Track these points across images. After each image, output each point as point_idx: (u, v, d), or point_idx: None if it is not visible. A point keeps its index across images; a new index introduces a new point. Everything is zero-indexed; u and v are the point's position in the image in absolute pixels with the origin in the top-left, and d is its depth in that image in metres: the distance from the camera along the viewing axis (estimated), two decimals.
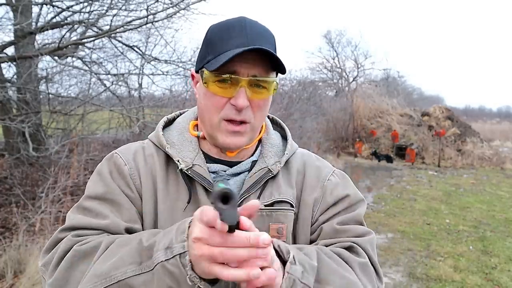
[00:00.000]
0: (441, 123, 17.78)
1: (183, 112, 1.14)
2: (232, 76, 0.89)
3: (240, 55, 0.86)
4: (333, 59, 29.34)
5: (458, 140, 16.67)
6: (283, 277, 0.74)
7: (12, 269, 3.87)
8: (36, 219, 4.70)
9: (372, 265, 0.95)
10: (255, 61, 0.89)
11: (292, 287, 0.75)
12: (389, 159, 15.43)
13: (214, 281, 0.72)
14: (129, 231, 0.91)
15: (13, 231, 4.90)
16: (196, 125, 1.06)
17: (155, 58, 7.57)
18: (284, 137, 1.12)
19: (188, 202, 0.94)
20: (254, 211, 0.68)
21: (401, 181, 11.62)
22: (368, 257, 0.95)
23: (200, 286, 0.71)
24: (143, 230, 0.94)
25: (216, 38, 0.93)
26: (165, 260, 0.72)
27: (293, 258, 0.78)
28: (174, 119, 1.12)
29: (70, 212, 0.96)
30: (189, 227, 0.72)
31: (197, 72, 1.00)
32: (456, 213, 7.91)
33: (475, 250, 5.77)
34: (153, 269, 0.74)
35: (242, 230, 0.65)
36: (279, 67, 0.92)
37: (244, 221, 0.66)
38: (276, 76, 0.97)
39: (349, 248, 0.95)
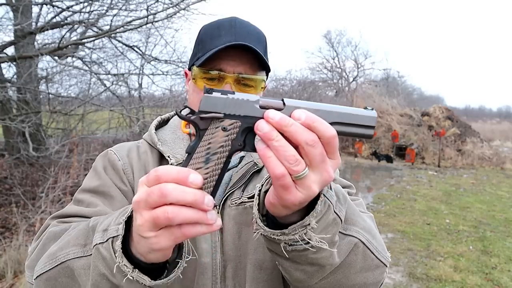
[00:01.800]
0: (441, 123, 17.78)
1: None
2: (219, 73, 0.92)
3: (227, 53, 0.89)
4: (333, 59, 29.41)
5: (458, 140, 16.67)
6: (318, 199, 0.67)
7: (12, 269, 3.87)
8: (36, 219, 4.70)
9: None
10: (241, 59, 0.92)
11: (325, 214, 0.68)
12: (389, 159, 15.43)
13: (159, 270, 0.64)
14: None
15: (13, 231, 4.90)
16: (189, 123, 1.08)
17: (155, 58, 7.59)
18: None
19: None
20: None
21: (401, 181, 11.61)
22: None
23: (132, 276, 0.62)
24: None
25: (206, 36, 0.96)
26: (100, 243, 0.66)
27: (329, 185, 0.71)
28: (168, 119, 1.14)
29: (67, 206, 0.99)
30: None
31: (189, 70, 1.03)
32: (456, 213, 7.91)
33: (475, 250, 5.77)
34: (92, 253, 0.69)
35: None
36: (266, 66, 0.95)
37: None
38: (267, 75, 1.00)
39: None
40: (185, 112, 0.60)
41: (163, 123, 1.13)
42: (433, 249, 5.76)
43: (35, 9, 6.73)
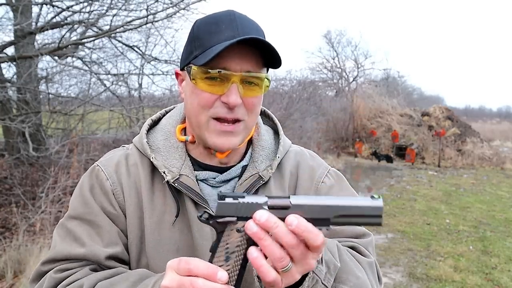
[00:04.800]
0: (441, 123, 17.77)
1: (169, 110, 1.06)
2: (223, 71, 0.82)
3: (231, 49, 0.80)
4: (333, 59, 29.37)
5: (458, 140, 16.67)
6: (306, 274, 0.71)
7: (12, 269, 3.87)
8: (36, 219, 4.70)
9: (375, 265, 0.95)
10: (247, 55, 0.84)
11: (313, 287, 0.73)
12: (389, 159, 15.43)
13: None
14: (111, 257, 0.89)
15: (13, 231, 4.90)
16: (184, 129, 1.00)
17: (155, 58, 7.59)
18: (276, 132, 1.06)
19: (177, 216, 0.90)
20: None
21: (401, 181, 11.61)
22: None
23: None
24: (127, 248, 0.92)
25: (204, 32, 0.86)
26: None
27: (321, 257, 0.75)
28: (159, 119, 1.05)
29: (55, 231, 0.94)
30: None
31: (182, 69, 0.93)
32: (456, 213, 7.91)
33: (475, 250, 5.77)
34: None
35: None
36: (273, 61, 0.86)
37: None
38: (267, 72, 0.91)
39: (353, 248, 0.93)
40: (205, 216, 0.71)
41: (153, 125, 1.04)
42: (433, 249, 5.76)
43: (35, 9, 6.73)
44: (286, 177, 1.00)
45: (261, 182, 0.94)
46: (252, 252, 0.64)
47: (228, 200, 0.69)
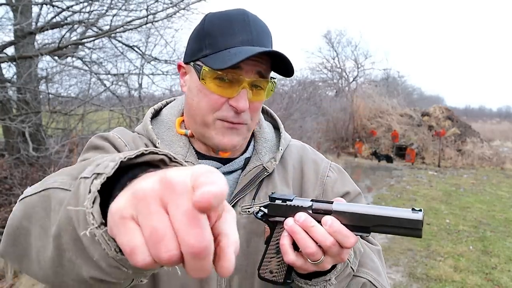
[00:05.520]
0: (441, 123, 17.77)
1: (169, 102, 1.05)
2: (234, 75, 0.82)
3: (245, 53, 0.80)
4: (333, 59, 29.34)
5: (458, 140, 16.66)
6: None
7: (12, 269, 3.87)
8: None
9: None
10: (259, 61, 0.85)
11: (343, 271, 0.82)
12: (389, 159, 15.43)
13: None
14: None
15: None
16: (183, 121, 0.98)
17: (155, 58, 7.58)
18: (276, 128, 1.08)
19: None
20: None
21: (401, 181, 11.61)
22: None
23: (95, 234, 0.44)
24: None
25: (216, 30, 0.85)
26: (84, 177, 0.48)
27: None
28: (161, 109, 1.03)
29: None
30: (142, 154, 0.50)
31: (187, 63, 0.91)
32: (456, 213, 7.91)
33: (475, 250, 5.77)
34: None
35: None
36: (285, 71, 0.87)
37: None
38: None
39: (362, 237, 1.00)
40: (260, 214, 0.79)
41: (155, 114, 1.02)
42: (433, 249, 5.76)
43: (35, 9, 6.72)
44: (290, 171, 1.01)
45: (265, 173, 0.95)
46: (283, 237, 0.73)
47: (277, 202, 0.77)
